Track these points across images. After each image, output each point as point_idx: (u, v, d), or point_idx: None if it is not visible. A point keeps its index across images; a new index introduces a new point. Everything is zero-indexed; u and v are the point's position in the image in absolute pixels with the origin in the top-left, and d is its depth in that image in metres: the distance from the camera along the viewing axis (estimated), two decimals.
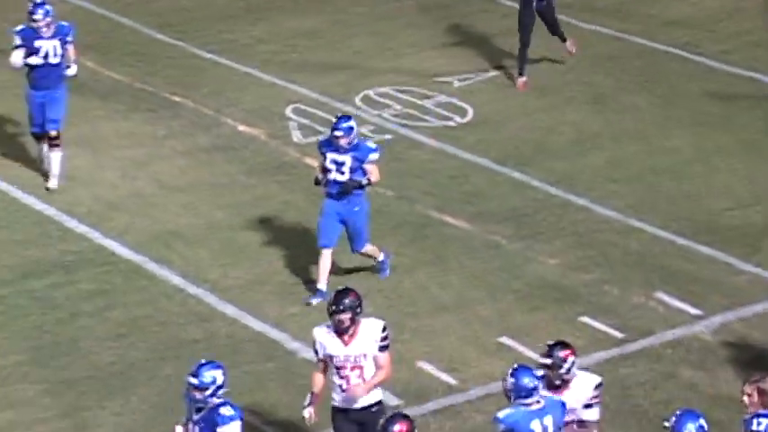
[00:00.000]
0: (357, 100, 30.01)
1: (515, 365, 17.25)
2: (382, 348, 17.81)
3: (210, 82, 31.12)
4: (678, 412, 15.98)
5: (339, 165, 22.52)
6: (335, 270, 23.79)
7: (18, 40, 25.35)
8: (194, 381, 16.38)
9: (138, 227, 25.30)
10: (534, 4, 29.23)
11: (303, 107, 29.75)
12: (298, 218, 25.61)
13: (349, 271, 24.23)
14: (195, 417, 16.61)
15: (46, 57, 25.26)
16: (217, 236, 23.46)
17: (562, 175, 26.96)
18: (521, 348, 21.96)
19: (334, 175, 22.64)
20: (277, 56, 32.10)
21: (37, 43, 25.23)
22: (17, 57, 25.29)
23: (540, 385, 16.78)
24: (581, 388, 16.99)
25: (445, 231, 25.33)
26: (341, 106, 29.55)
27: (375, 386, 18.07)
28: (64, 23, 25.81)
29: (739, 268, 23.80)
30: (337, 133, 22.49)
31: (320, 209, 22.80)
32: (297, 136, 28.63)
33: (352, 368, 18.12)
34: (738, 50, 31.27)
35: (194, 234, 24.18)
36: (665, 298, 23.20)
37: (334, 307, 17.96)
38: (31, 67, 25.42)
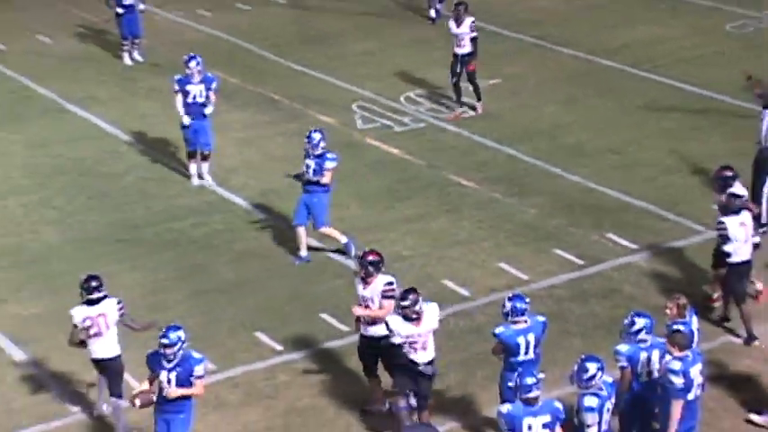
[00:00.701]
0: (401, 99, 30.00)
1: (511, 294, 17.43)
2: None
3: (300, 86, 31.06)
4: (631, 313, 16.26)
5: (307, 167, 22.31)
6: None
7: (176, 86, 25.23)
8: (166, 341, 15.96)
9: (250, 185, 25.41)
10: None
11: (363, 103, 29.74)
12: (359, 180, 25.73)
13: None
14: (168, 366, 15.97)
15: (195, 97, 25.14)
16: None
17: (543, 151, 26.94)
18: (513, 271, 22.15)
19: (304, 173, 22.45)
20: (345, 68, 32.06)
21: (188, 87, 25.08)
22: (178, 99, 25.14)
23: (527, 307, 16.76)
24: (430, 316, 16.79)
25: (460, 190, 25.34)
26: (390, 103, 29.66)
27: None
28: (210, 75, 25.65)
29: (665, 217, 23.84)
30: (306, 143, 22.29)
31: None
32: (359, 124, 28.67)
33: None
34: (668, 66, 31.10)
35: (287, 191, 24.10)
36: (613, 236, 23.24)
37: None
38: (184, 105, 25.22)
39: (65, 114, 29.70)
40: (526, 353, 16.65)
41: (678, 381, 15.30)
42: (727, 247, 19.66)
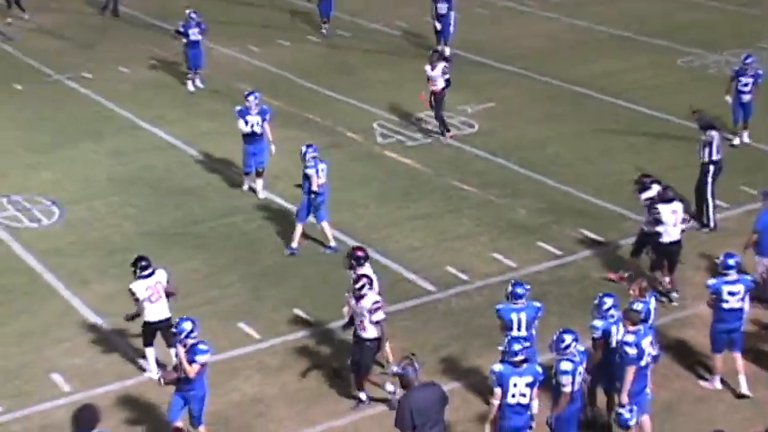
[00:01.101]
0: (413, 119, 30.02)
1: (513, 280, 17.66)
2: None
3: (331, 108, 31.02)
4: (600, 294, 16.61)
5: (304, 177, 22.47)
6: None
7: (237, 116, 25.17)
8: (175, 330, 16.16)
9: (289, 189, 25.35)
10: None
11: (383, 122, 29.73)
12: (377, 185, 25.78)
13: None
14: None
15: (252, 126, 25.13)
16: (334, 195, 23.34)
17: (528, 162, 26.93)
18: (504, 260, 22.18)
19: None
20: (367, 94, 32.00)
21: (247, 117, 25.01)
22: (240, 125, 25.12)
23: (527, 293, 17.04)
24: (370, 299, 16.93)
25: (461, 193, 25.33)
26: (403, 122, 29.65)
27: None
28: (265, 107, 25.55)
29: (627, 216, 23.79)
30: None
31: None
32: (379, 139, 28.63)
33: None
34: (631, 93, 31.04)
35: None
36: (586, 232, 23.25)
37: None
38: (244, 133, 25.24)
39: (139, 131, 29.74)
40: (519, 329, 16.70)
41: (631, 351, 15.53)
42: (659, 228, 20.11)
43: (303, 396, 18.03)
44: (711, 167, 23.31)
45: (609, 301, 16.60)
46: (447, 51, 33.75)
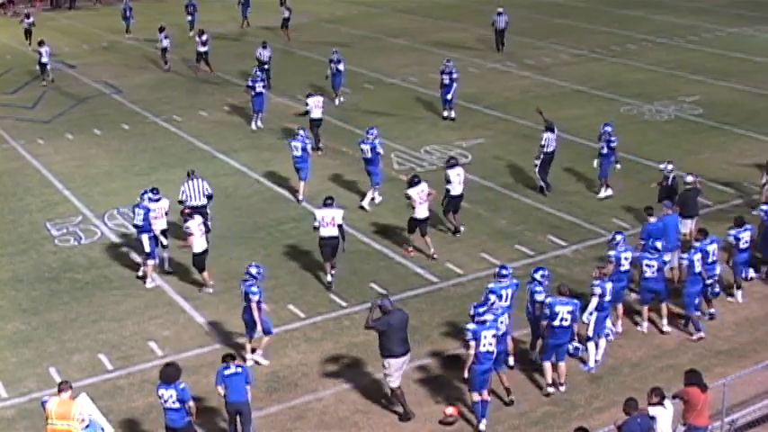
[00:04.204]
0: (422, 151, 29.94)
1: (500, 264, 18.18)
2: None
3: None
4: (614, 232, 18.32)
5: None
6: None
7: (289, 142, 25.72)
8: (246, 275, 17.59)
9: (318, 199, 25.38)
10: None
11: (399, 153, 29.64)
12: (393, 202, 25.45)
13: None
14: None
15: (303, 150, 25.62)
16: (359, 210, 23.30)
17: (508, 184, 26.83)
18: (490, 258, 22.22)
19: None
20: (386, 132, 31.91)
21: (293, 143, 25.72)
22: (294, 146, 25.75)
23: (510, 275, 17.62)
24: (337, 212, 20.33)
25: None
26: (414, 153, 29.52)
27: None
28: (308, 137, 26.14)
29: (582, 225, 23.74)
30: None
31: None
32: (395, 166, 28.52)
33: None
34: (584, 132, 30.81)
35: (347, 203, 24.18)
36: (552, 237, 23.21)
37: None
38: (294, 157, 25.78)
39: (215, 159, 29.80)
40: (505, 300, 17.16)
41: (546, 312, 16.72)
42: (449, 186, 23.13)
43: (338, 361, 18.06)
44: (542, 156, 25.65)
45: (618, 237, 18.77)
46: (453, 114, 33.26)
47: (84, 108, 36.88)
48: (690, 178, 22.22)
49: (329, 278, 20.98)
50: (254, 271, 17.59)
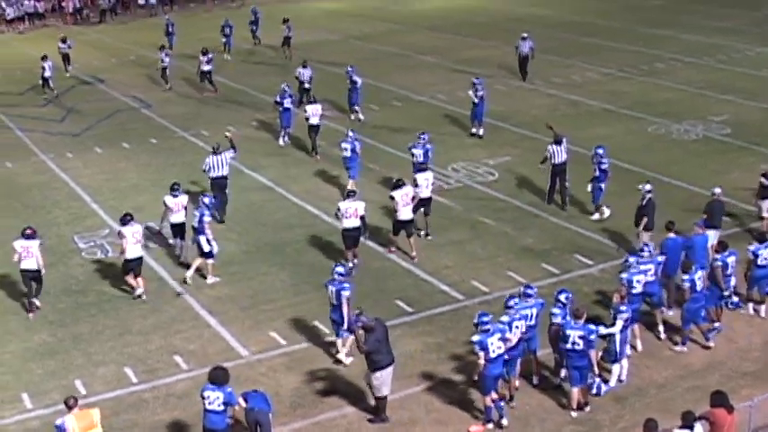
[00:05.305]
0: (449, 168, 29.92)
1: (524, 284, 18.18)
2: None
3: (389, 159, 31.01)
4: (627, 254, 16.61)
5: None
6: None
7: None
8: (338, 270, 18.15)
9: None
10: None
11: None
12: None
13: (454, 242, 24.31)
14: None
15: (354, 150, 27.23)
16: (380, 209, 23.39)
17: (535, 203, 26.69)
18: (516, 277, 22.18)
19: None
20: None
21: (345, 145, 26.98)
22: (344, 150, 27.32)
23: (536, 294, 17.68)
24: (359, 204, 22.26)
25: (484, 226, 25.22)
26: (442, 171, 29.37)
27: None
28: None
29: (608, 245, 23.62)
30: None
31: None
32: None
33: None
34: (612, 151, 30.77)
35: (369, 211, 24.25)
36: (578, 257, 23.13)
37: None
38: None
39: (242, 174, 29.93)
40: (531, 319, 17.31)
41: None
42: (417, 189, 23.74)
43: (362, 370, 18.05)
44: (552, 167, 25.99)
45: (631, 259, 18.73)
46: (481, 131, 33.32)
47: (112, 122, 37.19)
48: (717, 190, 22.71)
49: (350, 264, 21.94)
50: (342, 270, 18.33)
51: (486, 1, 65.33)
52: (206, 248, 22.12)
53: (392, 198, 23.11)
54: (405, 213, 23.05)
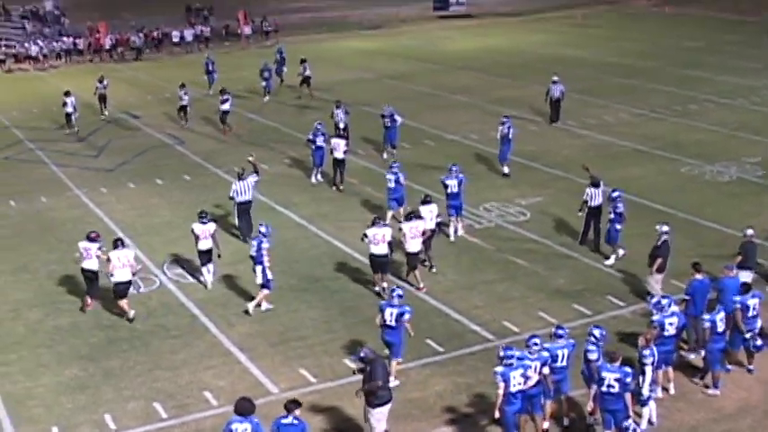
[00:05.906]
0: (480, 207, 29.92)
1: (555, 326, 17.97)
2: None
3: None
4: (660, 296, 18.73)
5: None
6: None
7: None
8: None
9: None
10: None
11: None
12: (453, 259, 25.49)
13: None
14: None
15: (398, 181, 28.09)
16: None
17: (566, 243, 26.59)
18: (547, 317, 22.05)
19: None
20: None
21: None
22: (390, 178, 28.16)
23: (567, 335, 17.57)
24: (387, 231, 22.97)
25: (515, 266, 25.15)
26: (473, 210, 29.38)
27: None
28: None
29: (640, 286, 23.49)
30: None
31: None
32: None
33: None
34: (644, 192, 30.58)
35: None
36: (610, 297, 23.02)
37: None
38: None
39: (274, 211, 30.15)
40: (562, 360, 17.17)
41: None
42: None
43: (391, 417, 17.98)
44: (589, 210, 26.06)
45: (664, 301, 18.40)
46: (506, 170, 33.41)
47: (146, 158, 37.59)
48: (750, 231, 22.60)
49: (378, 289, 23.28)
50: (401, 292, 19.19)
51: (522, 43, 65.62)
52: (260, 280, 22.47)
53: (400, 230, 23.71)
54: (412, 246, 23.51)
